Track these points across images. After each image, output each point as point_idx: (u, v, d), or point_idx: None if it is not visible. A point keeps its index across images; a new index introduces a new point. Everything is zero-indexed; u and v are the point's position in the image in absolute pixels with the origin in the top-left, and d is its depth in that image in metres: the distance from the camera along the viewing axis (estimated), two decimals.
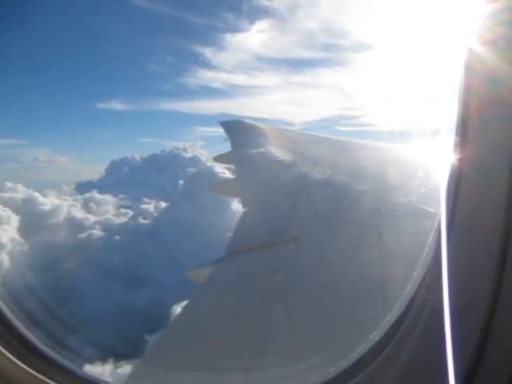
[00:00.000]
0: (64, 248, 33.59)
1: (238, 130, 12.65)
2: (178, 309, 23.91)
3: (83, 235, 37.65)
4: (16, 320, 1.72)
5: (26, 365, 1.60)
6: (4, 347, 1.57)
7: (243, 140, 11.44)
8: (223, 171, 42.17)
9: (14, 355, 1.58)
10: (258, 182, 8.00)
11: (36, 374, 1.60)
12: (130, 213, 42.21)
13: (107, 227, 39.27)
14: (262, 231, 5.20)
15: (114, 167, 55.49)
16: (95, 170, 57.82)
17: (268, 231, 5.14)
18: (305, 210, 5.50)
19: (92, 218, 40.70)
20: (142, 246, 35.86)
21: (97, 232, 38.30)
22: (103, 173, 55.80)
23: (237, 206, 38.88)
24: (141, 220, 40.42)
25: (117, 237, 37.49)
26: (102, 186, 50.05)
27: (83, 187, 49.33)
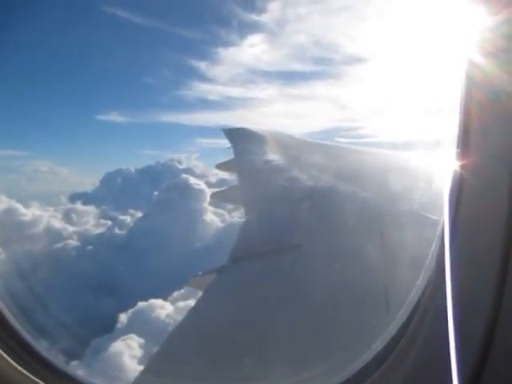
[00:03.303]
0: (39, 257, 34.35)
1: (240, 137, 12.70)
2: (123, 316, 24.02)
3: (59, 245, 38.35)
4: (16, 322, 1.72)
5: (23, 367, 1.60)
6: (2, 349, 1.57)
7: (246, 147, 11.49)
8: (197, 182, 43.37)
9: (11, 357, 1.58)
10: (260, 189, 8.01)
11: (33, 377, 1.60)
12: (110, 223, 42.79)
13: (84, 237, 40.11)
14: (265, 238, 5.21)
15: (108, 178, 55.82)
16: (96, 182, 58.05)
17: (270, 238, 5.15)
18: (307, 217, 5.50)
19: (70, 229, 41.23)
20: (113, 256, 37.06)
21: (73, 242, 39.10)
22: (97, 184, 56.16)
23: (211, 216, 40.09)
24: (116, 230, 41.28)
25: (89, 247, 38.35)
26: (94, 196, 50.68)
27: (76, 198, 49.84)
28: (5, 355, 1.57)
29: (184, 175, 46.35)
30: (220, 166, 11.70)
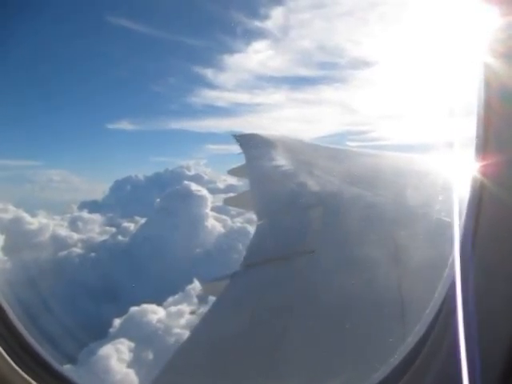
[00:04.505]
0: (44, 265, 35.24)
1: (251, 143, 12.73)
2: (117, 321, 24.67)
3: (64, 253, 39.17)
4: (21, 325, 1.73)
5: (23, 369, 1.60)
6: (6, 351, 1.58)
7: (257, 153, 11.51)
8: (199, 189, 43.88)
9: (13, 359, 1.58)
10: (273, 194, 8.00)
11: (32, 380, 1.60)
12: (114, 231, 43.62)
13: (88, 245, 40.91)
14: (277, 244, 5.18)
15: (118, 186, 56.64)
16: (107, 190, 59.04)
17: (283, 244, 5.12)
18: (320, 222, 5.46)
19: (75, 236, 42.02)
20: (115, 263, 37.97)
21: (77, 250, 39.90)
22: (107, 192, 56.91)
23: (212, 222, 40.48)
24: (119, 237, 42.09)
25: (92, 254, 39.24)
26: (103, 204, 51.85)
27: (86, 206, 50.69)
28: (7, 357, 1.57)
29: (186, 182, 47.06)
30: (232, 172, 11.78)
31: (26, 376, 1.56)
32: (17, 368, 1.55)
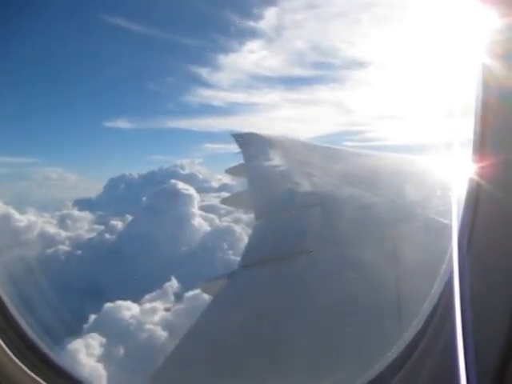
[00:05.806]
0: (30, 262, 35.42)
1: (249, 142, 12.73)
2: (93, 316, 24.87)
3: (51, 250, 39.42)
4: (22, 321, 1.73)
5: (26, 365, 1.60)
6: (6, 344, 1.58)
7: (255, 152, 11.51)
8: (186, 187, 43.93)
9: (15, 354, 1.58)
10: (271, 194, 8.01)
11: (34, 375, 1.60)
12: (102, 229, 44.08)
13: (75, 243, 41.31)
14: (275, 244, 5.19)
15: (112, 184, 56.74)
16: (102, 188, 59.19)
17: (281, 244, 5.13)
18: (318, 222, 5.47)
19: (64, 234, 42.26)
20: (101, 261, 38.35)
21: (64, 247, 40.28)
22: (102, 190, 56.98)
23: (199, 221, 40.70)
24: (107, 235, 42.45)
25: (79, 251, 39.63)
26: (97, 202, 52.29)
27: (80, 204, 50.99)
28: (6, 349, 1.57)
29: (173, 180, 47.22)
30: (230, 171, 11.78)
31: (25, 369, 1.57)
32: (17, 361, 1.56)
